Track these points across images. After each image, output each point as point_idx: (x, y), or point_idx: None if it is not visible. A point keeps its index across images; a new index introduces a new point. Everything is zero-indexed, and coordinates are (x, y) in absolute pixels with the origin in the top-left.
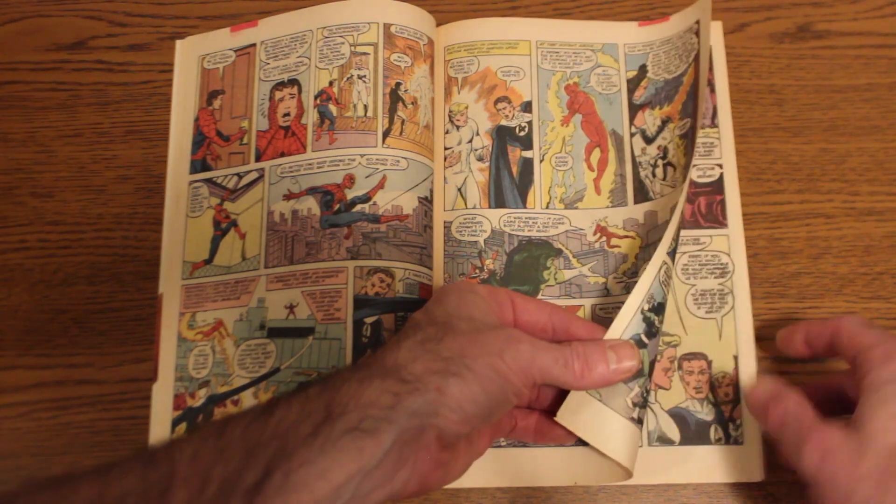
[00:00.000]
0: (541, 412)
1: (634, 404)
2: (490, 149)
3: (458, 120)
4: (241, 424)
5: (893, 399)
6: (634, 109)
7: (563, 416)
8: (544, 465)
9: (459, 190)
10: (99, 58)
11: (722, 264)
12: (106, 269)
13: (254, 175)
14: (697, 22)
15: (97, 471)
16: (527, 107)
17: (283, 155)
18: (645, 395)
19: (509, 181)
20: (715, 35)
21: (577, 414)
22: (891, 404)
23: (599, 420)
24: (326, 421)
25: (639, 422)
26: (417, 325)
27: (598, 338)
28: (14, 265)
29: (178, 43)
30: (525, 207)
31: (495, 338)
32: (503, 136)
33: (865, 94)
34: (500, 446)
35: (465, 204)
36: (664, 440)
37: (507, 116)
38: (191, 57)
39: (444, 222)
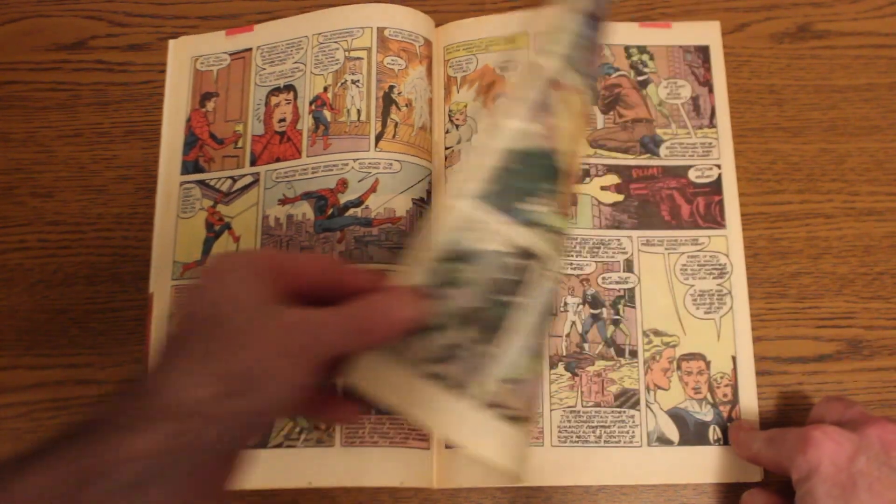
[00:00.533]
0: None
1: (432, 359)
2: None
3: (457, 119)
4: None
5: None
6: None
7: (349, 375)
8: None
9: None
10: (99, 58)
11: (720, 265)
12: (106, 269)
13: (249, 179)
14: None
15: None
16: None
17: (278, 160)
18: (456, 351)
19: None
20: (713, 35)
21: (364, 371)
22: None
23: (389, 376)
24: (82, 488)
25: (443, 379)
26: (186, 334)
27: (376, 287)
28: (14, 265)
29: (171, 43)
30: None
31: (273, 330)
32: None
33: (865, 94)
34: None
35: None
36: (663, 440)
37: None
38: (183, 57)
39: None
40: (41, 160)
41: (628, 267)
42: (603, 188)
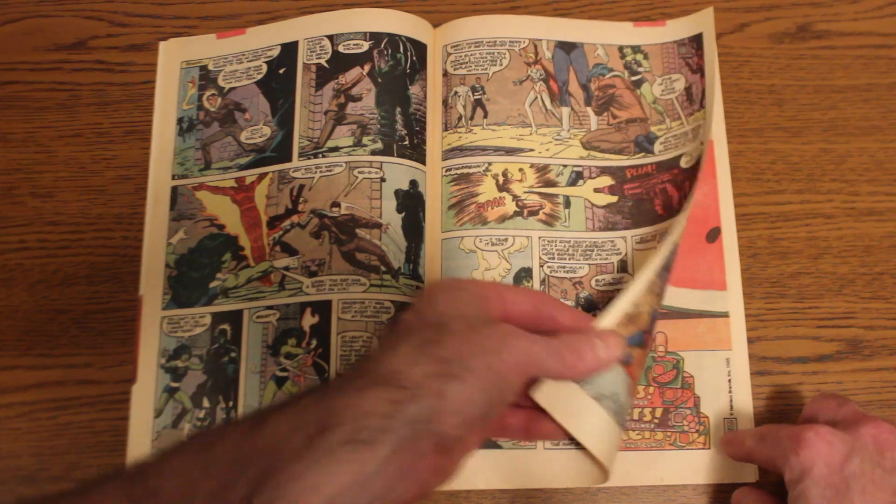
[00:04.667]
0: (529, 409)
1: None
2: None
3: None
4: (230, 438)
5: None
6: None
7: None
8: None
9: None
10: (99, 58)
11: None
12: (106, 269)
13: None
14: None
15: (76, 492)
16: None
17: None
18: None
19: None
20: (706, 22)
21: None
22: None
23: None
24: (320, 433)
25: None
26: (410, 328)
27: (585, 326)
28: (14, 265)
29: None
30: None
31: (491, 335)
32: None
33: (865, 94)
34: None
35: None
36: None
37: None
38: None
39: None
40: (41, 160)
41: (622, 267)
42: (596, 190)
